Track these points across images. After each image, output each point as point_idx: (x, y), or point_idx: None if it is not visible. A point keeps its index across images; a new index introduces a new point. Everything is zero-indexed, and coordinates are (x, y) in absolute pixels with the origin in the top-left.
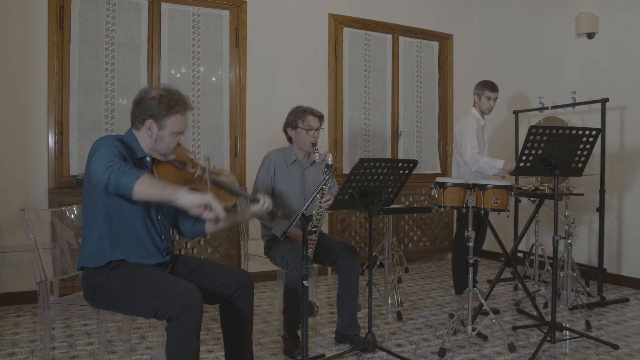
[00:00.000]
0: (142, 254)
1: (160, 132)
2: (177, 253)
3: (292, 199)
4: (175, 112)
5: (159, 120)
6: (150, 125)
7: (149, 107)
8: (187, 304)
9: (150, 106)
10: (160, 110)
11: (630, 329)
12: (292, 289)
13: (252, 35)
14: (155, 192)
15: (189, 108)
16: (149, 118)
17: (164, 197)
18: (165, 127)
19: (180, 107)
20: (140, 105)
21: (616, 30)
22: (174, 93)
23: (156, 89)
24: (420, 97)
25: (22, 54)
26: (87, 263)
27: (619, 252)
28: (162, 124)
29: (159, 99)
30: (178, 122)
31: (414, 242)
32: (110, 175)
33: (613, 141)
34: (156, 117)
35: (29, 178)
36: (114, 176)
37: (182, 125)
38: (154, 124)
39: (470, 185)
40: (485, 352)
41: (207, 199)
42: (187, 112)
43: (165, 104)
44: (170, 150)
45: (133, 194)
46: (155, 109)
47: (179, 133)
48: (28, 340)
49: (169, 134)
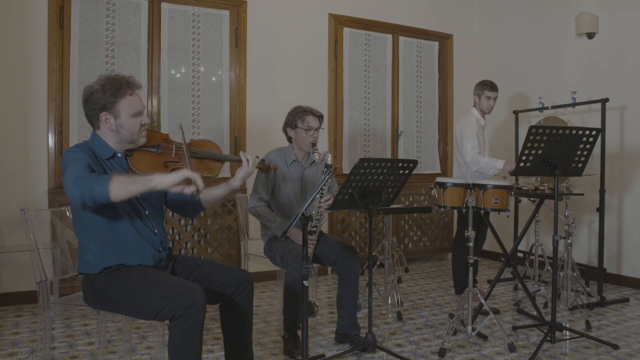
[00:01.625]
0: (138, 255)
1: (117, 121)
2: (177, 253)
3: (292, 198)
4: (123, 95)
5: (110, 109)
6: (106, 118)
7: (96, 100)
8: (190, 303)
9: (97, 99)
10: (108, 99)
11: (630, 329)
12: (292, 288)
13: (252, 35)
14: (131, 188)
15: (136, 87)
16: (101, 111)
17: (141, 189)
18: (120, 113)
19: (127, 88)
20: (88, 102)
21: (616, 30)
22: (114, 78)
23: (96, 82)
24: (420, 97)
25: (22, 54)
26: (85, 270)
27: (619, 252)
28: (115, 112)
29: (102, 89)
30: (131, 103)
31: (414, 242)
32: (82, 191)
33: (613, 141)
34: (107, 107)
35: (29, 178)
36: (86, 190)
37: (136, 105)
38: (108, 115)
39: (470, 185)
40: (485, 352)
41: (183, 174)
42: (137, 91)
43: (109, 91)
44: (136, 133)
45: (111, 198)
46: (102, 99)
47: (138, 114)
48: (28, 340)
49: (126, 118)
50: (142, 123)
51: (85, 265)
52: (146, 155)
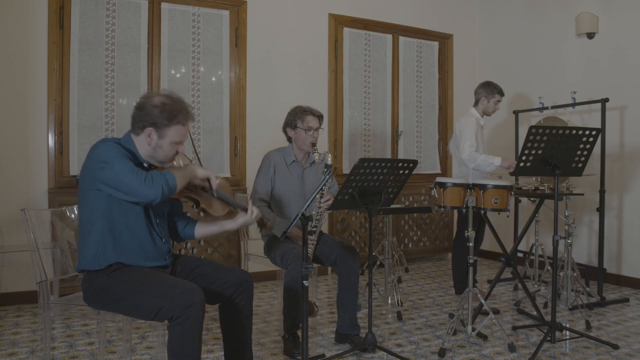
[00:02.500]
0: (144, 257)
1: (159, 141)
2: (177, 253)
3: (292, 199)
4: (176, 123)
5: (159, 129)
6: (150, 133)
7: (151, 114)
8: (189, 303)
9: (152, 114)
10: (161, 119)
11: (630, 329)
12: (292, 288)
13: (252, 35)
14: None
15: (191, 119)
16: (149, 126)
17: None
18: (166, 137)
19: (182, 118)
20: (142, 111)
21: (616, 30)
22: (177, 102)
23: (159, 96)
24: (420, 97)
25: (22, 54)
26: (87, 266)
27: (619, 252)
28: (162, 133)
29: (162, 107)
30: (179, 133)
31: (414, 242)
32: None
33: (613, 141)
34: (157, 125)
35: (29, 178)
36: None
37: (182, 136)
38: (154, 132)
39: (470, 185)
40: (485, 352)
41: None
42: (189, 123)
43: (167, 113)
44: (168, 159)
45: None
46: (156, 117)
47: (179, 143)
48: (28, 340)
49: (169, 143)
50: (178, 151)
51: (85, 261)
52: None
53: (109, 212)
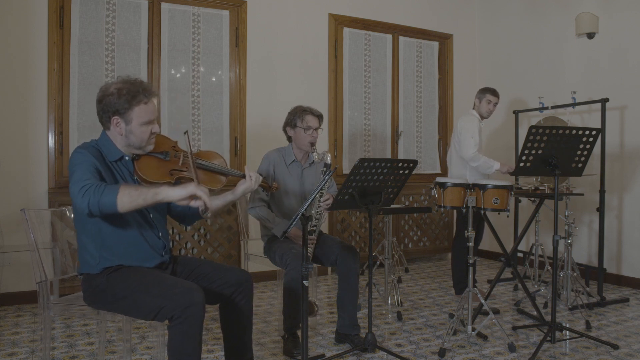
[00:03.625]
0: (140, 257)
1: (128, 127)
2: (177, 253)
3: (291, 198)
4: (138, 103)
5: (123, 114)
6: (117, 122)
7: (110, 103)
8: (189, 303)
9: (111, 102)
10: (122, 104)
11: (630, 329)
12: (291, 288)
13: (252, 35)
14: (138, 200)
15: (152, 95)
16: (113, 115)
17: (148, 201)
18: (132, 120)
19: (142, 97)
20: (102, 103)
21: (616, 30)
22: (132, 83)
23: (114, 83)
24: (420, 97)
25: (22, 54)
26: (86, 270)
27: (619, 252)
28: (127, 118)
29: (118, 93)
30: (144, 112)
31: (414, 242)
32: (89, 202)
33: (613, 141)
34: (120, 112)
35: (29, 178)
36: (93, 201)
37: (149, 114)
38: (120, 120)
39: (470, 185)
40: (485, 352)
41: (190, 190)
42: (152, 99)
43: (125, 97)
44: (145, 141)
45: (118, 209)
46: (116, 104)
47: (149, 122)
48: (28, 340)
49: (137, 125)
50: (153, 132)
51: (85, 265)
52: (153, 161)
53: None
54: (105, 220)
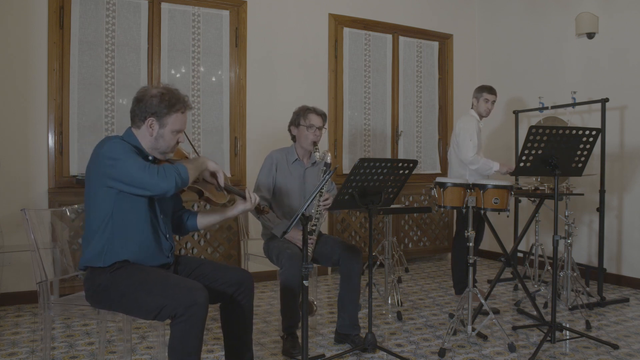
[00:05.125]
0: (148, 255)
1: (161, 130)
2: (178, 253)
3: (293, 198)
4: (176, 110)
5: (160, 118)
6: (151, 123)
7: (151, 105)
8: (192, 302)
9: (151, 104)
10: (161, 109)
11: (630, 329)
12: (287, 288)
13: (252, 35)
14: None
15: (188, 107)
16: (150, 116)
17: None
18: (166, 125)
19: (181, 106)
20: (142, 103)
21: (616, 30)
22: (174, 92)
23: (157, 88)
24: (420, 97)
25: (22, 54)
26: (92, 262)
27: (619, 252)
28: (163, 122)
29: (160, 97)
30: (179, 121)
31: (414, 242)
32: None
33: (613, 141)
34: (157, 115)
35: (29, 178)
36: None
37: (182, 124)
38: (155, 122)
39: (470, 185)
40: (485, 352)
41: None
42: (187, 111)
43: (166, 102)
44: (170, 148)
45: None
46: (156, 107)
47: (179, 131)
48: (28, 340)
49: (170, 132)
50: (179, 141)
51: (89, 259)
52: None
53: (117, 209)
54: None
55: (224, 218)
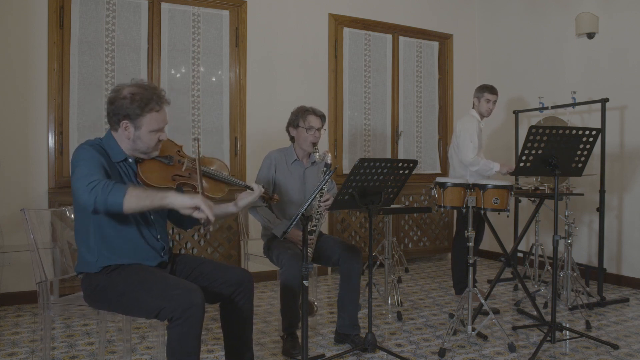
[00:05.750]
0: (139, 257)
1: (137, 132)
2: (177, 252)
3: (293, 198)
4: (149, 110)
5: (133, 120)
6: (126, 126)
7: (122, 107)
8: (189, 304)
9: (122, 106)
10: (133, 110)
11: (630, 329)
12: (287, 288)
13: (252, 35)
14: (145, 203)
15: (164, 103)
16: (123, 119)
17: (154, 205)
18: (142, 127)
19: (155, 104)
20: (113, 105)
21: (616, 30)
22: (147, 89)
23: (128, 87)
24: (420, 97)
25: (22, 54)
26: (85, 268)
27: (619, 252)
28: (137, 124)
29: (131, 98)
30: (154, 120)
31: (414, 242)
32: (96, 199)
33: (613, 141)
34: (130, 117)
35: (29, 178)
36: (100, 199)
37: (159, 123)
38: (129, 124)
39: (470, 185)
40: (485, 352)
41: (196, 202)
42: (164, 107)
43: (137, 102)
44: (151, 148)
45: (124, 210)
46: (128, 108)
47: (158, 130)
48: (28, 340)
49: (147, 132)
50: (160, 139)
51: (84, 264)
52: (156, 165)
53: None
54: (109, 219)
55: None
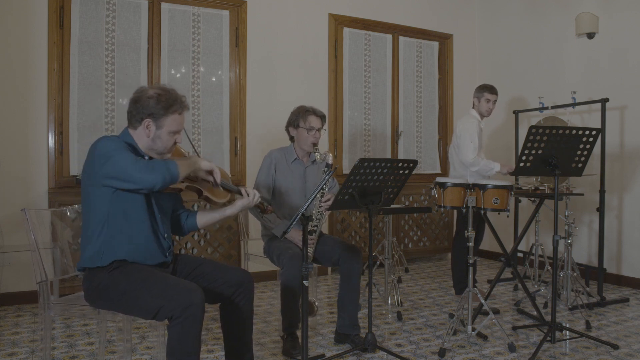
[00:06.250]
0: (146, 254)
1: (158, 132)
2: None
3: (293, 197)
4: (173, 112)
5: (157, 119)
6: (148, 124)
7: (147, 106)
8: (188, 303)
9: (148, 105)
10: (158, 110)
11: (630, 329)
12: (288, 288)
13: (252, 35)
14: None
15: (186, 107)
16: (147, 117)
17: (191, 169)
18: (163, 127)
19: (178, 107)
20: (138, 104)
21: (616, 30)
22: (171, 92)
23: (153, 88)
24: (420, 97)
25: (22, 54)
26: (89, 263)
27: (619, 252)
28: (159, 123)
29: (157, 98)
30: (175, 122)
31: (414, 242)
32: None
33: (613, 141)
34: (154, 116)
35: (29, 178)
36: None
37: (179, 125)
38: (151, 123)
39: (470, 185)
40: (485, 352)
41: (213, 166)
42: (184, 112)
43: (163, 103)
44: (167, 149)
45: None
46: (153, 108)
47: (176, 132)
48: (28, 340)
49: (167, 133)
50: (177, 142)
51: (88, 259)
52: None
53: (113, 209)
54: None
55: (223, 216)
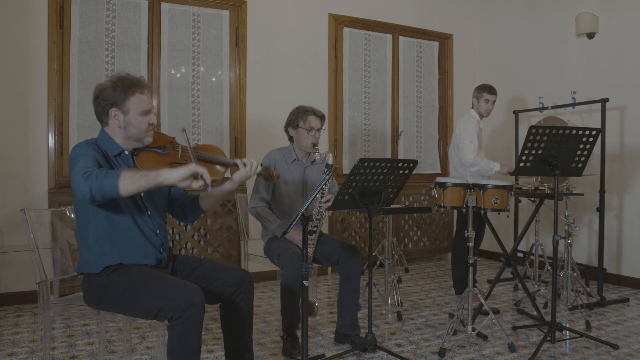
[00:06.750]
0: (139, 255)
1: (126, 117)
2: (177, 253)
3: (293, 197)
4: (133, 92)
5: (120, 105)
6: (115, 114)
7: (107, 97)
8: (189, 303)
9: (107, 96)
10: (118, 95)
11: (630, 329)
12: (288, 288)
13: (252, 35)
14: (140, 183)
15: (145, 87)
16: (111, 107)
17: (150, 184)
18: (130, 110)
19: (137, 87)
20: (99, 99)
21: (616, 30)
22: (126, 76)
23: (108, 80)
24: (420, 97)
25: (22, 54)
26: (86, 269)
27: (619, 252)
28: (124, 109)
29: (113, 85)
30: (140, 101)
31: (414, 242)
32: (92, 186)
33: (613, 141)
34: (116, 103)
35: (29, 178)
36: (95, 184)
37: (145, 104)
38: (118, 111)
39: (470, 185)
40: (485, 352)
41: (191, 168)
42: (146, 91)
43: (120, 88)
44: (143, 132)
45: (120, 193)
46: (112, 96)
47: (146, 112)
48: (28, 340)
49: (135, 115)
50: (150, 122)
51: (85, 264)
52: (152, 155)
53: (96, 216)
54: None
55: (223, 193)
